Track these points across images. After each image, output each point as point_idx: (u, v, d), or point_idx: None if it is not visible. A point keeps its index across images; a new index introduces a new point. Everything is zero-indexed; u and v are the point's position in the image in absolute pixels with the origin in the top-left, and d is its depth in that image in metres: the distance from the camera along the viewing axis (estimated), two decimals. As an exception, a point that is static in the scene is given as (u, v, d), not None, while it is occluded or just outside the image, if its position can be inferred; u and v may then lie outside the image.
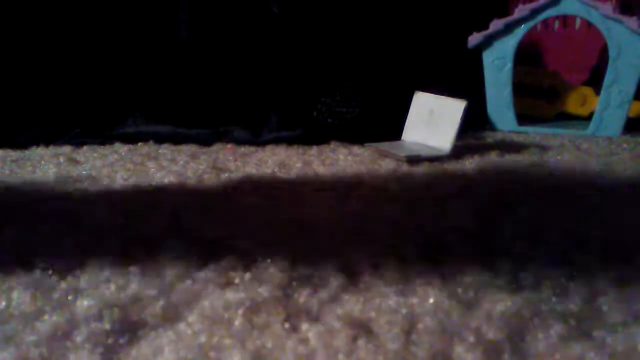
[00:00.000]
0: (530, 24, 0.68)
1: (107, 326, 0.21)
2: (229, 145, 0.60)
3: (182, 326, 0.21)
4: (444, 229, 0.31)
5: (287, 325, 0.21)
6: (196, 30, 0.65)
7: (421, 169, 0.45)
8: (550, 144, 0.58)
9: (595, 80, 0.73)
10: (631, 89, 0.63)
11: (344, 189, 0.39)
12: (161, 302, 0.23)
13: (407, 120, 0.57)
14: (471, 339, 0.20)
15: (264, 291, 0.23)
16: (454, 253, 0.28)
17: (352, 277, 0.25)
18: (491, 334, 0.20)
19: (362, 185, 0.40)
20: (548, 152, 0.54)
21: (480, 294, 0.23)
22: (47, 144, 0.60)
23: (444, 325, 0.21)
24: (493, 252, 0.28)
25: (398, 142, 0.57)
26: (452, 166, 0.45)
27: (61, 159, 0.51)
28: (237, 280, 0.25)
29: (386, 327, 0.21)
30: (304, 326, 0.21)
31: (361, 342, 0.20)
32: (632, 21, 0.60)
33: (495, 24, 0.68)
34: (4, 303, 0.23)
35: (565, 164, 0.48)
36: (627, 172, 0.44)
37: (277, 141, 0.61)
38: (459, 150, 0.53)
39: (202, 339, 0.20)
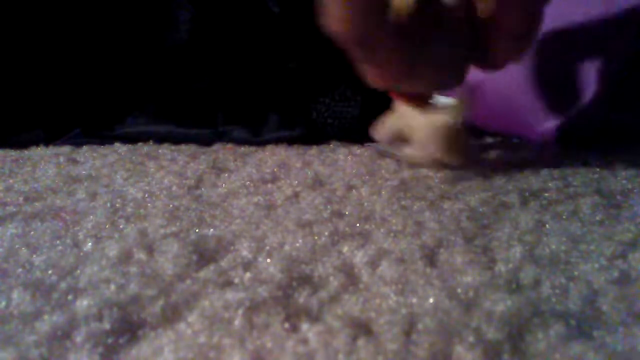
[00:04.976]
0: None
1: (107, 326, 0.21)
2: (229, 145, 0.60)
3: (182, 326, 0.21)
4: (443, 230, 0.31)
5: (287, 325, 0.21)
6: (196, 30, 0.65)
7: (421, 169, 0.45)
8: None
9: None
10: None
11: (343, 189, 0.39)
12: (161, 302, 0.23)
13: (407, 120, 0.57)
14: (471, 339, 0.20)
15: (263, 291, 0.23)
16: (453, 253, 0.28)
17: (352, 277, 0.25)
18: (491, 334, 0.20)
19: (360, 185, 0.40)
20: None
21: (480, 294, 0.23)
22: (47, 144, 0.60)
23: (444, 325, 0.21)
24: (492, 252, 0.28)
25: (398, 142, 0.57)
26: (452, 166, 0.45)
27: (61, 159, 0.51)
28: (237, 280, 0.25)
29: (386, 327, 0.21)
30: (304, 326, 0.21)
31: (361, 342, 0.20)
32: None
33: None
34: (4, 303, 0.23)
35: (564, 164, 0.48)
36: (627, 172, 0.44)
37: (277, 141, 0.61)
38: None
39: (202, 339, 0.20)
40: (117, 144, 0.59)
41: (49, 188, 0.41)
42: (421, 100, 0.42)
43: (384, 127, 0.44)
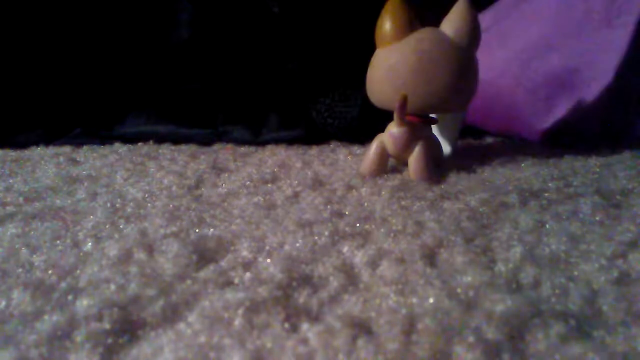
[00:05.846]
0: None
1: (107, 326, 0.21)
2: (228, 145, 0.60)
3: (182, 326, 0.21)
4: (443, 230, 0.31)
5: (287, 325, 0.21)
6: (196, 30, 0.65)
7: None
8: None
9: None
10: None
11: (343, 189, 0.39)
12: (161, 302, 0.23)
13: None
14: (471, 338, 0.20)
15: (263, 291, 0.23)
16: (453, 253, 0.27)
17: (352, 277, 0.25)
18: (491, 333, 0.20)
19: (360, 185, 0.40)
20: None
21: (480, 294, 0.23)
22: (47, 144, 0.60)
23: (444, 325, 0.21)
24: (492, 252, 0.28)
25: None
26: (453, 166, 0.45)
27: (61, 159, 0.51)
28: (237, 280, 0.25)
29: (386, 327, 0.21)
30: (304, 326, 0.21)
31: (361, 342, 0.20)
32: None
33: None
34: (4, 303, 0.23)
35: (564, 164, 0.48)
36: (627, 172, 0.44)
37: (277, 141, 0.61)
38: (459, 150, 0.53)
39: (202, 339, 0.20)
40: (117, 144, 0.59)
41: (49, 188, 0.41)
42: (418, 118, 0.43)
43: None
